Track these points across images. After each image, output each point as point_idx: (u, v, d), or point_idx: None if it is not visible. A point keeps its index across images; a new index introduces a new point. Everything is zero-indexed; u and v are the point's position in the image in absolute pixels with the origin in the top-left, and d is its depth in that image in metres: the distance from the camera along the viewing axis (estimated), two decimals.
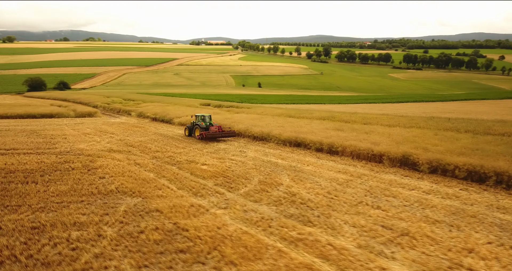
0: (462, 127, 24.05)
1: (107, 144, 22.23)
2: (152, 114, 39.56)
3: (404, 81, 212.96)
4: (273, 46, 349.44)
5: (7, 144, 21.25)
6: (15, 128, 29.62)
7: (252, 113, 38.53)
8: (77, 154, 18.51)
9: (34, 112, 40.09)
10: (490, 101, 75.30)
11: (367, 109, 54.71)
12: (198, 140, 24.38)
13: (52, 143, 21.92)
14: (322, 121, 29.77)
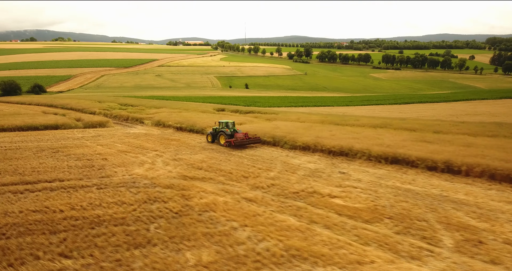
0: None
1: (168, 166, 18.22)
2: (175, 123, 35.26)
3: (386, 81, 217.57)
4: (253, 46, 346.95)
5: (40, 172, 16.73)
6: (27, 146, 24.58)
7: (287, 120, 35.29)
8: (149, 185, 14.52)
9: (35, 123, 34.51)
10: (489, 101, 76.65)
11: (389, 112, 53.16)
12: (227, 147, 24.06)
13: (97, 168, 17.61)
14: (380, 129, 27.20)
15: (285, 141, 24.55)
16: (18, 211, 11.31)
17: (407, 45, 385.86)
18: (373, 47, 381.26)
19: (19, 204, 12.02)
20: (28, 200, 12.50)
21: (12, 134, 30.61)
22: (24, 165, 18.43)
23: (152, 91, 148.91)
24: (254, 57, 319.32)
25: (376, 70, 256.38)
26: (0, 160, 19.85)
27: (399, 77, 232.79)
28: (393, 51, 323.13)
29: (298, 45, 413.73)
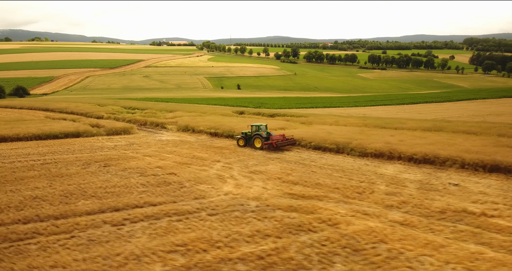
0: None
1: (255, 181, 16.13)
2: (208, 128, 32.91)
3: (374, 81, 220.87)
4: (240, 47, 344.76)
5: (115, 193, 14.26)
6: (64, 158, 21.70)
7: (325, 124, 33.70)
8: (265, 208, 12.38)
9: (54, 130, 31.20)
10: (492, 100, 78.29)
11: (408, 113, 52.75)
12: (264, 150, 24.22)
13: (177, 187, 15.28)
14: (440, 133, 26.12)
15: (351, 147, 22.93)
16: (151, 253, 9.00)
17: (390, 45, 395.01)
18: (357, 48, 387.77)
19: (142, 242, 9.69)
20: (146, 235, 10.18)
21: (32, 144, 27.36)
22: (86, 184, 15.85)
23: (142, 93, 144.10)
24: (241, 57, 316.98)
25: (363, 70, 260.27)
26: (48, 177, 17.13)
27: (386, 77, 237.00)
28: (377, 51, 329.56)
29: (284, 45, 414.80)
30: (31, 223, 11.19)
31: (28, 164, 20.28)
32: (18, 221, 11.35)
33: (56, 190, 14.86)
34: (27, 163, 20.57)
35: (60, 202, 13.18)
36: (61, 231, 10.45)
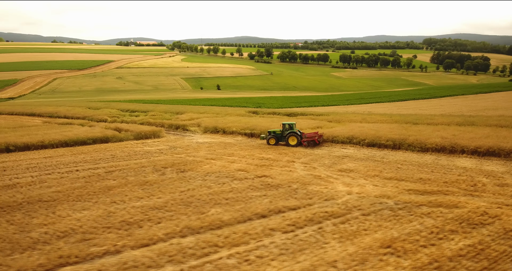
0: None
1: (364, 180, 16.05)
2: (242, 129, 32.17)
3: (347, 80, 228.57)
4: (212, 47, 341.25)
5: (242, 201, 13.52)
6: (121, 166, 20.14)
7: (355, 122, 34.31)
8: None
9: (81, 136, 28.88)
10: (467, 96, 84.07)
11: (411, 109, 55.04)
12: (305, 147, 25.25)
13: (290, 190, 14.72)
14: (475, 127, 27.68)
15: (409, 143, 23.59)
16: (364, 259, 8.54)
17: (357, 45, 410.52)
18: (327, 48, 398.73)
19: (340, 248, 9.16)
20: (336, 241, 9.70)
21: (64, 151, 25.08)
22: (190, 191, 14.84)
23: (119, 95, 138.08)
24: (215, 57, 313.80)
25: (336, 69, 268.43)
26: (136, 185, 15.80)
27: (358, 76, 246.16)
28: (346, 51, 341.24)
29: (255, 45, 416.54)
30: (190, 236, 10.30)
31: (91, 173, 18.60)
32: (172, 235, 10.38)
33: (165, 199, 13.80)
34: (89, 172, 18.87)
35: (192, 212, 12.25)
36: (240, 242, 9.72)
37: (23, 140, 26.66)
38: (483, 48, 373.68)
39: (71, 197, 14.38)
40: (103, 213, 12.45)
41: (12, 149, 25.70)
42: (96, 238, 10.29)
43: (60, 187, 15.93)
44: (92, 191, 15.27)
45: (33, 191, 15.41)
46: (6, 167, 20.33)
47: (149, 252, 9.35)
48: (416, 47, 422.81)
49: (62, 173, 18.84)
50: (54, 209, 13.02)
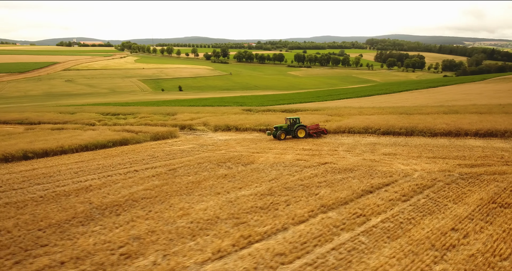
0: None
1: (417, 160, 18.55)
2: (256, 126, 33.39)
3: (304, 78, 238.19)
4: (166, 47, 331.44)
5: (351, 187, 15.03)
6: (178, 163, 20.37)
7: (354, 114, 37.49)
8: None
9: (101, 139, 27.76)
10: (421, 90, 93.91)
11: (394, 103, 60.32)
12: (314, 138, 27.97)
13: (387, 173, 16.76)
14: (460, 115, 32.33)
15: (420, 130, 27.01)
16: None
17: (307, 45, 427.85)
18: (280, 47, 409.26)
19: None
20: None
21: (90, 155, 24.16)
22: (284, 181, 15.99)
23: (73, 99, 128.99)
24: (169, 58, 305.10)
25: (291, 69, 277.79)
26: (222, 183, 16.48)
27: (313, 74, 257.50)
28: (299, 51, 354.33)
29: (210, 45, 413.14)
30: (331, 212, 11.61)
31: (155, 172, 18.52)
32: (314, 212, 11.58)
33: (265, 187, 14.76)
34: (152, 171, 18.78)
35: (308, 194, 13.49)
36: (380, 211, 11.30)
37: (39, 146, 25.06)
38: (417, 48, 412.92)
39: (169, 193, 14.69)
40: (223, 202, 13.19)
41: (31, 156, 24.11)
42: (250, 221, 11.19)
43: (141, 186, 15.99)
44: (184, 186, 15.63)
45: (119, 191, 15.32)
46: (49, 173, 19.35)
47: (312, 226, 10.59)
48: (360, 47, 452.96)
49: (122, 174, 18.59)
50: (166, 204, 13.37)
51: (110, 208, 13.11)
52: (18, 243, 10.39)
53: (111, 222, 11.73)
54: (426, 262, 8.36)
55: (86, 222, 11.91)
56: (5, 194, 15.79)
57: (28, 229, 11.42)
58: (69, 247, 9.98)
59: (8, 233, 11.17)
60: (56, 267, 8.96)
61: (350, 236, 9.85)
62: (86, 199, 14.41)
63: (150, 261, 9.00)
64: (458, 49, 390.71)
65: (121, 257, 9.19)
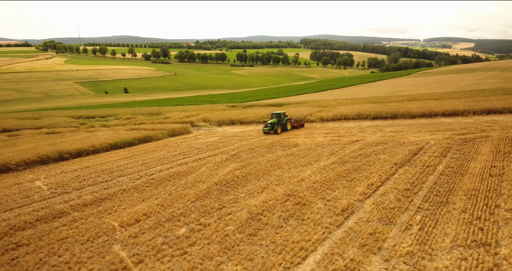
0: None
1: (428, 133, 24.08)
2: (259, 119, 36.71)
3: (249, 77, 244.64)
4: (99, 47, 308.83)
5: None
6: (232, 151, 22.85)
7: (342, 105, 43.16)
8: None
9: (127, 137, 28.17)
10: (373, 83, 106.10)
11: (342, 95, 68.04)
12: (299, 129, 30.52)
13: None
14: (421, 102, 40.09)
15: (401, 113, 33.34)
16: None
17: (246, 45, 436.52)
18: (220, 47, 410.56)
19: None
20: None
21: (125, 153, 25.03)
22: (347, 153, 19.87)
23: (2, 106, 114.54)
24: (104, 59, 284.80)
25: (235, 68, 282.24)
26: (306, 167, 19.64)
27: (256, 73, 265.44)
28: (239, 50, 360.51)
29: (146, 45, 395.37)
30: None
31: (220, 158, 20.87)
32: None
33: (337, 158, 18.46)
34: (218, 157, 21.03)
35: (387, 158, 17.70)
36: None
37: (74, 146, 24.96)
38: (345, 47, 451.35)
39: (263, 170, 17.46)
40: (317, 169, 16.58)
41: (66, 157, 24.03)
42: (356, 178, 14.88)
43: (226, 168, 18.34)
44: (267, 164, 18.39)
45: (212, 173, 17.53)
46: (114, 168, 20.22)
47: (404, 175, 14.73)
48: (295, 46, 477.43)
49: (190, 162, 20.37)
50: (274, 176, 16.26)
51: (228, 184, 15.51)
52: (193, 211, 12.49)
53: (248, 190, 14.33)
54: (495, 182, 13.15)
55: (224, 193, 14.28)
56: (107, 184, 16.81)
57: (183, 202, 13.42)
58: (243, 206, 12.49)
59: (170, 206, 13.07)
60: (250, 218, 11.53)
61: (434, 178, 14.28)
62: (192, 181, 16.44)
63: (321, 204, 12.17)
64: (378, 48, 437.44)
65: (297, 206, 12.16)
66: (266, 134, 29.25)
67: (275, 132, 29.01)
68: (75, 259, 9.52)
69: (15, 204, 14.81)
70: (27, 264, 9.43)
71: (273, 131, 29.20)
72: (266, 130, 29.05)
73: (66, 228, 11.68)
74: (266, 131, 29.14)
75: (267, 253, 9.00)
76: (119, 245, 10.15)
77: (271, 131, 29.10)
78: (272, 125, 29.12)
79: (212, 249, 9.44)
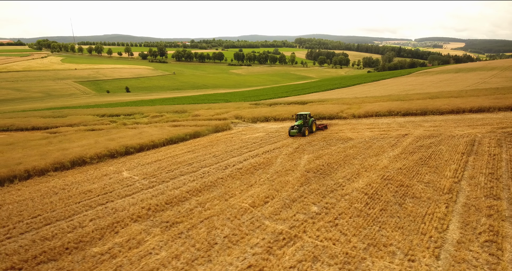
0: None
1: (470, 127, 26.02)
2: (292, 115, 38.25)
3: (248, 76, 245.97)
4: (95, 46, 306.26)
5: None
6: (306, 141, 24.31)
7: (366, 102, 45.00)
8: None
9: (178, 133, 29.40)
10: (370, 83, 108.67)
11: (353, 94, 69.96)
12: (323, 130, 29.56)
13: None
14: (444, 99, 42.23)
15: (431, 110, 35.29)
16: None
17: (242, 44, 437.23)
18: (216, 46, 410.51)
19: None
20: None
21: (185, 147, 26.32)
22: (408, 142, 21.60)
23: (4, 105, 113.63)
24: (100, 58, 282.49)
25: (232, 67, 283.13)
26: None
27: (254, 72, 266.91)
28: (235, 50, 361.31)
29: (142, 44, 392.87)
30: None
31: (287, 151, 22.38)
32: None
33: (410, 140, 20.18)
34: (278, 151, 22.54)
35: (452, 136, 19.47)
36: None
37: (136, 142, 26.15)
38: (339, 46, 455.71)
39: (342, 161, 19.09)
40: (395, 157, 18.26)
41: (131, 151, 25.21)
42: (439, 165, 16.63)
43: (310, 154, 19.94)
44: (344, 157, 20.03)
45: (296, 162, 19.06)
46: (192, 159, 21.48)
47: (482, 157, 16.56)
48: (290, 45, 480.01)
49: (261, 154, 21.85)
50: (373, 160, 17.89)
51: (318, 172, 17.00)
52: (308, 194, 13.98)
53: (343, 176, 15.86)
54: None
55: (322, 179, 15.78)
56: (196, 174, 18.13)
57: (291, 187, 14.89)
58: (351, 188, 14.04)
59: (282, 191, 14.54)
60: (368, 198, 13.09)
61: (505, 164, 16.07)
62: (280, 170, 17.90)
63: (422, 186, 13.80)
64: (372, 47, 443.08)
65: (401, 187, 13.75)
66: (292, 137, 27.37)
67: (303, 134, 27.44)
68: (237, 232, 10.94)
69: (126, 191, 16.05)
70: (198, 236, 10.81)
71: (301, 134, 27.60)
72: (293, 133, 27.34)
73: (201, 209, 13.06)
74: (293, 134, 27.35)
75: (413, 222, 10.61)
76: (268, 221, 11.59)
77: (298, 133, 27.51)
78: (299, 127, 27.65)
79: (358, 221, 10.99)
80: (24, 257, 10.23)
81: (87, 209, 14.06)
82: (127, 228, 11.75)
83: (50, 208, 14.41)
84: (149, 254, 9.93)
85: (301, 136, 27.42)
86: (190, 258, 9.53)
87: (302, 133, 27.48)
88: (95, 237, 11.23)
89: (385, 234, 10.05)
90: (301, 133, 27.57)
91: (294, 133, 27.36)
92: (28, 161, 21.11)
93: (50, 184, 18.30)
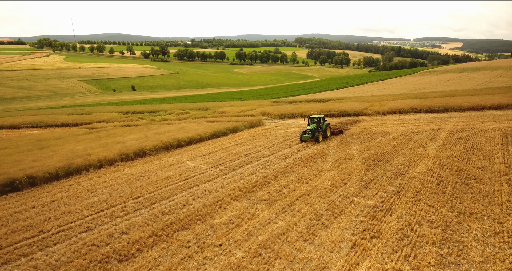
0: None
1: (497, 122, 27.92)
2: (319, 112, 40.10)
3: (250, 75, 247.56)
4: (96, 45, 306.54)
5: None
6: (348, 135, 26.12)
7: (386, 100, 46.89)
8: None
9: (221, 128, 31.15)
10: (377, 82, 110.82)
11: (365, 93, 71.92)
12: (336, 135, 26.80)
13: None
14: (460, 97, 44.19)
15: (452, 107, 37.28)
16: None
17: (243, 43, 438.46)
18: (217, 46, 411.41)
19: None
20: None
21: (230, 140, 28.05)
22: (444, 137, 23.48)
23: (6, 104, 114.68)
24: (102, 56, 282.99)
25: (234, 66, 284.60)
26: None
27: (257, 71, 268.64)
28: (236, 49, 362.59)
29: (142, 43, 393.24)
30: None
31: (362, 140, 24.17)
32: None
33: (447, 132, 22.03)
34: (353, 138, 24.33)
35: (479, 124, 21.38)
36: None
37: (185, 135, 27.87)
38: (339, 46, 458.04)
39: (392, 151, 20.90)
40: (441, 148, 20.10)
41: (183, 144, 26.91)
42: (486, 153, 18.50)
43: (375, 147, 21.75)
44: (392, 148, 21.81)
45: (350, 155, 20.86)
46: (239, 153, 23.19)
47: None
48: (290, 45, 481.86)
49: (309, 146, 23.62)
50: (421, 149, 19.71)
51: (375, 160, 18.76)
52: (377, 178, 15.77)
53: (401, 163, 17.66)
54: None
55: (381, 166, 17.56)
56: (260, 164, 19.87)
57: (358, 172, 16.66)
58: (415, 173, 15.83)
59: (352, 175, 16.32)
60: (437, 180, 14.87)
61: None
62: (337, 158, 19.68)
63: (478, 170, 15.61)
64: (372, 47, 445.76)
65: (460, 172, 15.56)
66: (304, 142, 24.54)
67: (316, 140, 24.37)
68: (334, 206, 12.69)
69: (204, 177, 17.72)
70: (303, 210, 12.55)
71: (314, 139, 24.66)
72: (305, 138, 24.49)
73: (289, 190, 14.79)
74: (305, 139, 24.49)
75: (486, 197, 12.44)
76: (356, 198, 13.38)
77: (311, 139, 24.72)
78: (312, 131, 24.74)
79: (437, 197, 12.79)
80: (158, 226, 11.94)
81: (179, 191, 15.73)
82: (232, 205, 13.48)
83: (145, 190, 16.08)
84: (268, 223, 11.67)
85: (315, 142, 24.36)
86: (307, 226, 11.28)
87: (316, 138, 24.34)
88: (208, 212, 12.95)
89: (467, 205, 11.86)
90: (314, 139, 24.59)
91: (306, 138, 24.51)
92: (95, 152, 22.74)
93: (124, 172, 19.93)
